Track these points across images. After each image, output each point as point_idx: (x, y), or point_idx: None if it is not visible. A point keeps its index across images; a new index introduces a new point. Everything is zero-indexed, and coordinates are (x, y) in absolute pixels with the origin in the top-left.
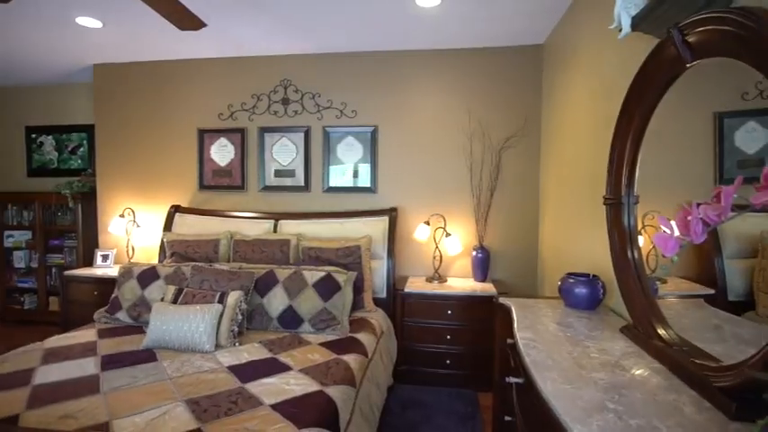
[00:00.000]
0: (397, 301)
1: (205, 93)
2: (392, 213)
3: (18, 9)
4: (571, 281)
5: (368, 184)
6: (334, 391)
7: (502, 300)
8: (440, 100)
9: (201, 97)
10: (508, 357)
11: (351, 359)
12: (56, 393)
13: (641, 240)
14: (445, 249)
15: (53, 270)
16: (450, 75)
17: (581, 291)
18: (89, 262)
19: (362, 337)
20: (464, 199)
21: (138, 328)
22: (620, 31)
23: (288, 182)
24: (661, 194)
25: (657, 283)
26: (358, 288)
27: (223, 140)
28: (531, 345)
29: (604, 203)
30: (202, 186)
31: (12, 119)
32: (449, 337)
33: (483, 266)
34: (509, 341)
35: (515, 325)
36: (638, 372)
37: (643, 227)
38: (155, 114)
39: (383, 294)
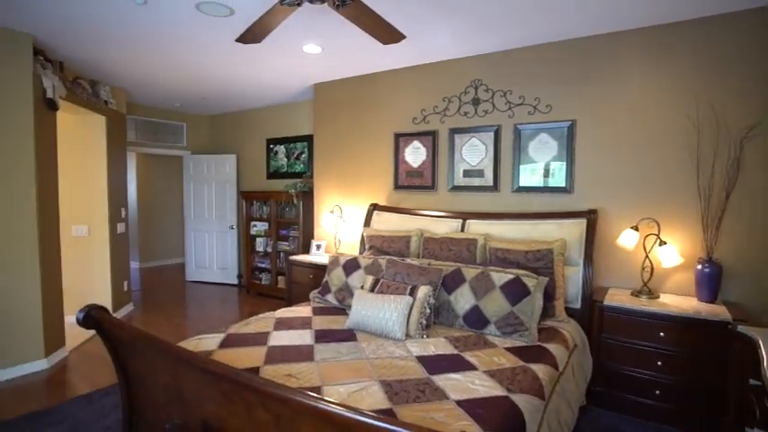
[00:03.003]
0: (594, 314)
1: (401, 99)
2: (591, 216)
3: (263, 45)
4: None
5: (562, 184)
6: (520, 400)
7: (742, 328)
8: (653, 85)
9: (398, 104)
10: (751, 403)
11: (539, 369)
12: (283, 355)
13: None
14: (658, 260)
15: (281, 255)
16: (668, 55)
17: None
18: (306, 250)
19: (552, 347)
20: (686, 201)
21: (342, 310)
22: None
23: (476, 182)
24: None
25: None
26: (549, 295)
27: (416, 143)
28: None
29: None
30: (397, 186)
31: (258, 133)
32: (660, 363)
33: (712, 284)
34: (752, 382)
35: (764, 363)
36: None
37: None
38: (359, 122)
39: (577, 305)
